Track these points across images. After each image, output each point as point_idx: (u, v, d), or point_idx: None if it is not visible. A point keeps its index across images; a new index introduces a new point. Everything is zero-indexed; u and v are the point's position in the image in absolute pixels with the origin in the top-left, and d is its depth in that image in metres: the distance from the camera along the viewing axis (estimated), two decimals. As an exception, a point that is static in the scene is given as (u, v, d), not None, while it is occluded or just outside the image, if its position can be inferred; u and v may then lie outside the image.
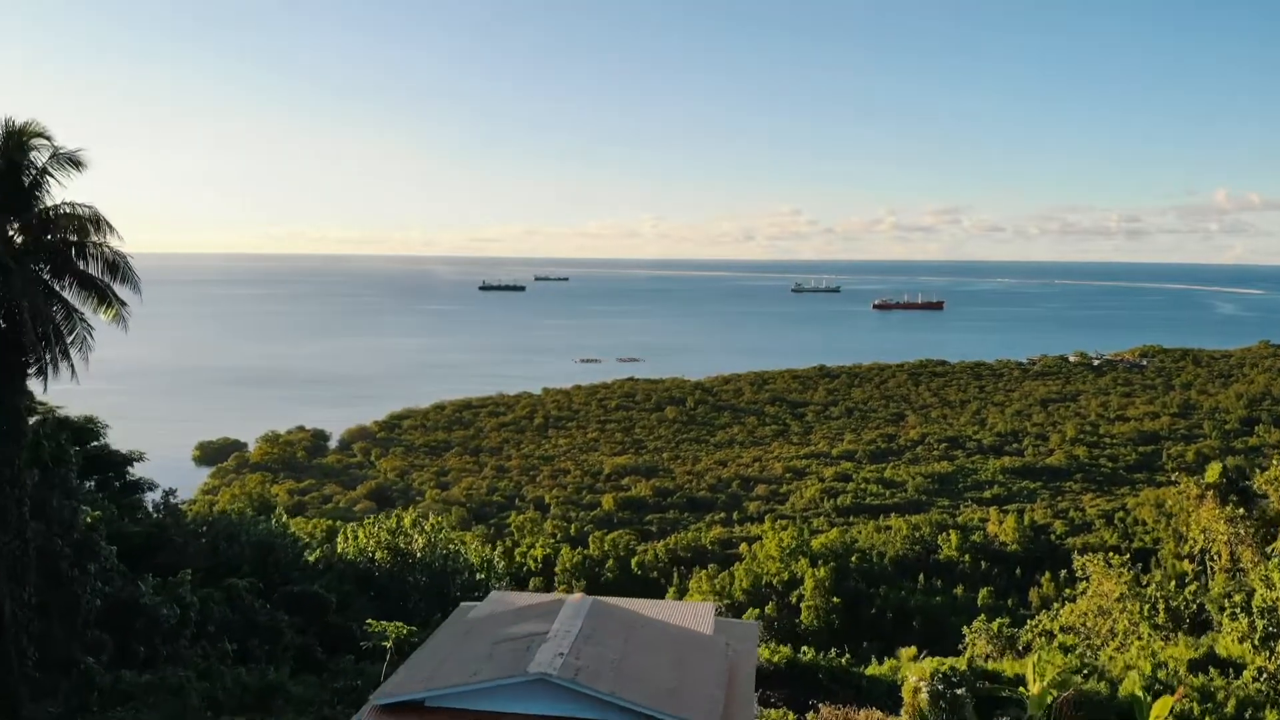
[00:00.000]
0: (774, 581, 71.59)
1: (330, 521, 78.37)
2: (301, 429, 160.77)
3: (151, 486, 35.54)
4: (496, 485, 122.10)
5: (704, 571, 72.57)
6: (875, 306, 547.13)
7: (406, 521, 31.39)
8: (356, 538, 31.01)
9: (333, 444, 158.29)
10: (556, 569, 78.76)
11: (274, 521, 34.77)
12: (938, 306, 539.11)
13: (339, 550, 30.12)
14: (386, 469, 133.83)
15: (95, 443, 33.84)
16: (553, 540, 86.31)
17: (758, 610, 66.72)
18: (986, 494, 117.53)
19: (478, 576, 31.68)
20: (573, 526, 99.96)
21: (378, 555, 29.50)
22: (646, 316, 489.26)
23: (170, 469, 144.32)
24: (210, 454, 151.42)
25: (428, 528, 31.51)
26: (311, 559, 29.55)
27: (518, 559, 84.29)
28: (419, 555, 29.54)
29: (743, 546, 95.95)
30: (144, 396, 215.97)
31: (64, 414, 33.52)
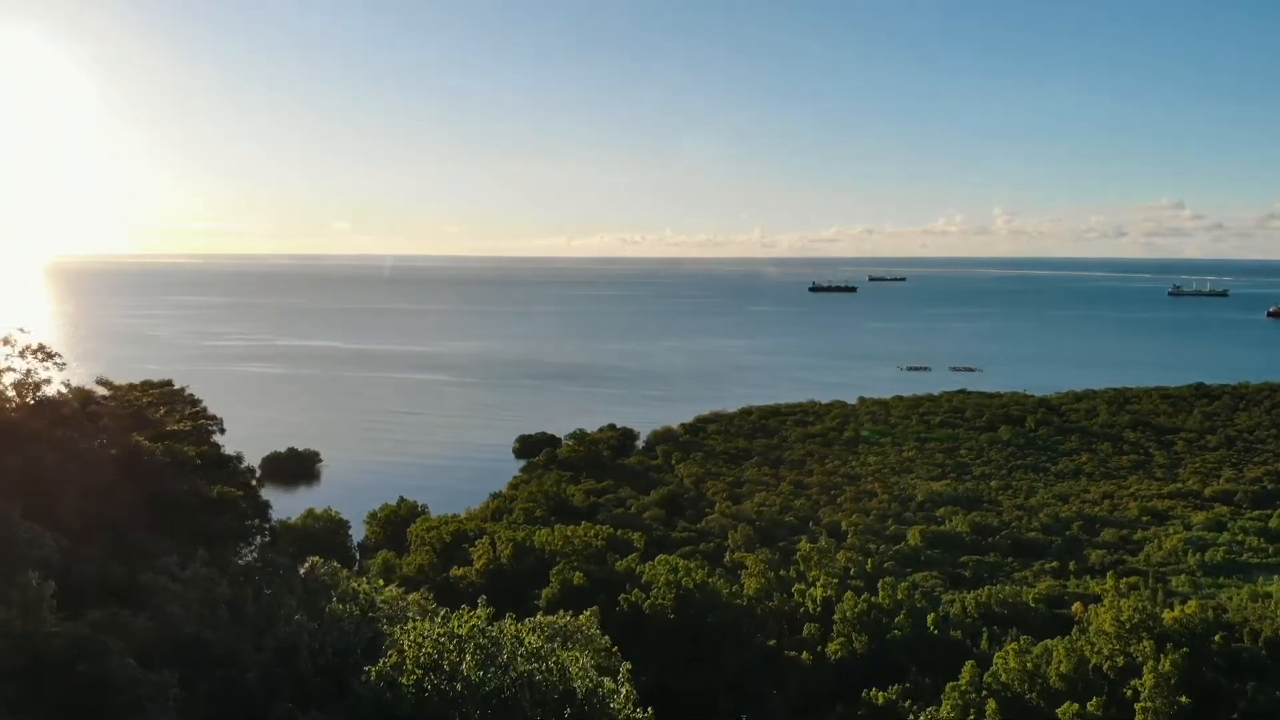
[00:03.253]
0: (1105, 668, 56.49)
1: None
2: (612, 427, 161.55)
3: (252, 533, 31.10)
4: (791, 504, 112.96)
5: (1012, 645, 58.86)
6: (1270, 314, 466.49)
7: (464, 627, 23.18)
8: (403, 644, 23.53)
9: (640, 444, 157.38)
10: (836, 617, 68.36)
11: (347, 605, 28.18)
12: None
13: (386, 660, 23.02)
14: (684, 474, 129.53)
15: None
16: (836, 581, 75.74)
17: (1076, 706, 52.41)
18: None
19: (582, 702, 22.46)
20: (869, 562, 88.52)
21: (406, 681, 21.66)
22: (990, 320, 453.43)
23: (490, 460, 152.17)
24: (528, 447, 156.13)
25: (487, 638, 22.78)
26: (377, 669, 22.30)
27: (795, 597, 75.04)
28: (468, 675, 21.30)
29: (1076, 607, 79.69)
30: (484, 389, 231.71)
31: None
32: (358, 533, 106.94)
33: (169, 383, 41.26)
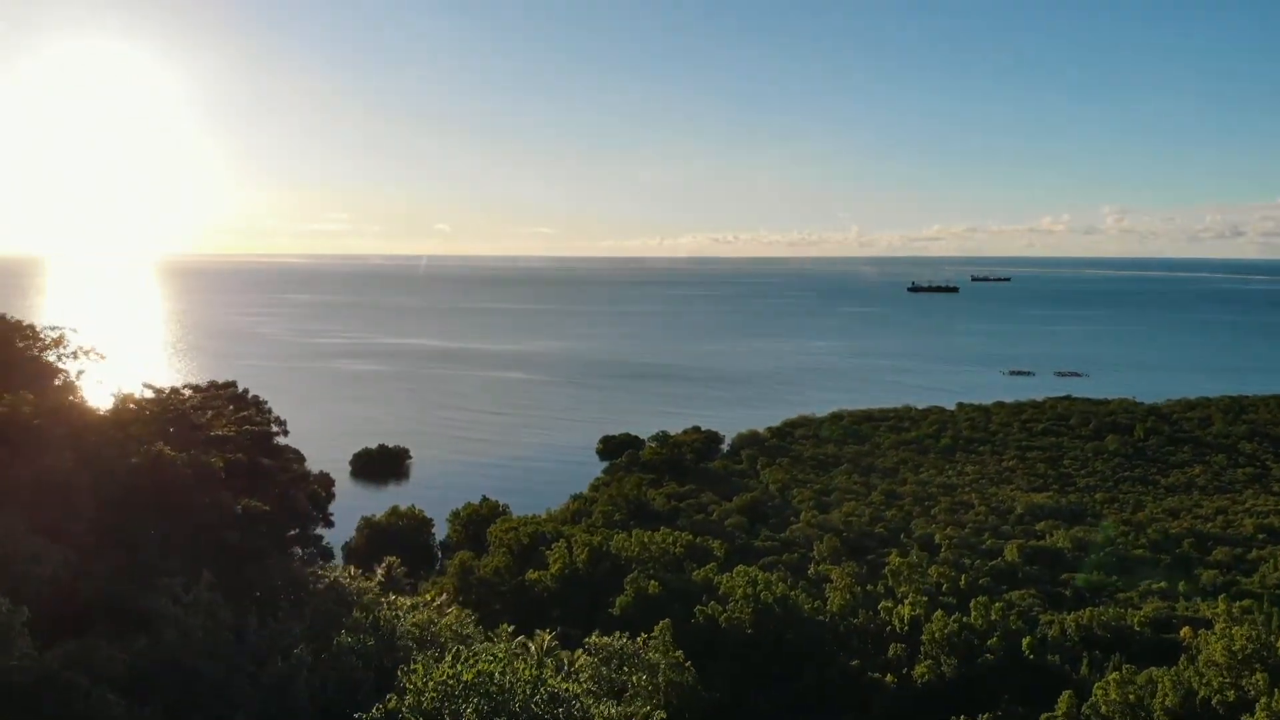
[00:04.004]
0: (1214, 701, 52.05)
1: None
2: (696, 430, 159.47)
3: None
4: (882, 514, 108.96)
5: (1114, 674, 54.85)
6: None
7: (470, 672, 20.83)
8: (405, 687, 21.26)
9: (724, 448, 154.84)
10: (924, 637, 65.07)
11: (361, 636, 26.23)
12: None
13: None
14: (769, 481, 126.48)
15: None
16: (926, 600, 72.16)
17: (1189, 749, 48.29)
18: None
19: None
20: (962, 578, 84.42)
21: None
22: (1097, 323, 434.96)
23: (573, 460, 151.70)
24: (611, 448, 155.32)
25: (495, 685, 20.40)
26: (370, 716, 19.93)
27: (881, 615, 71.83)
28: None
29: (1184, 632, 74.35)
30: (570, 388, 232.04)
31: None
32: (441, 530, 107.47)
33: (232, 384, 40.98)
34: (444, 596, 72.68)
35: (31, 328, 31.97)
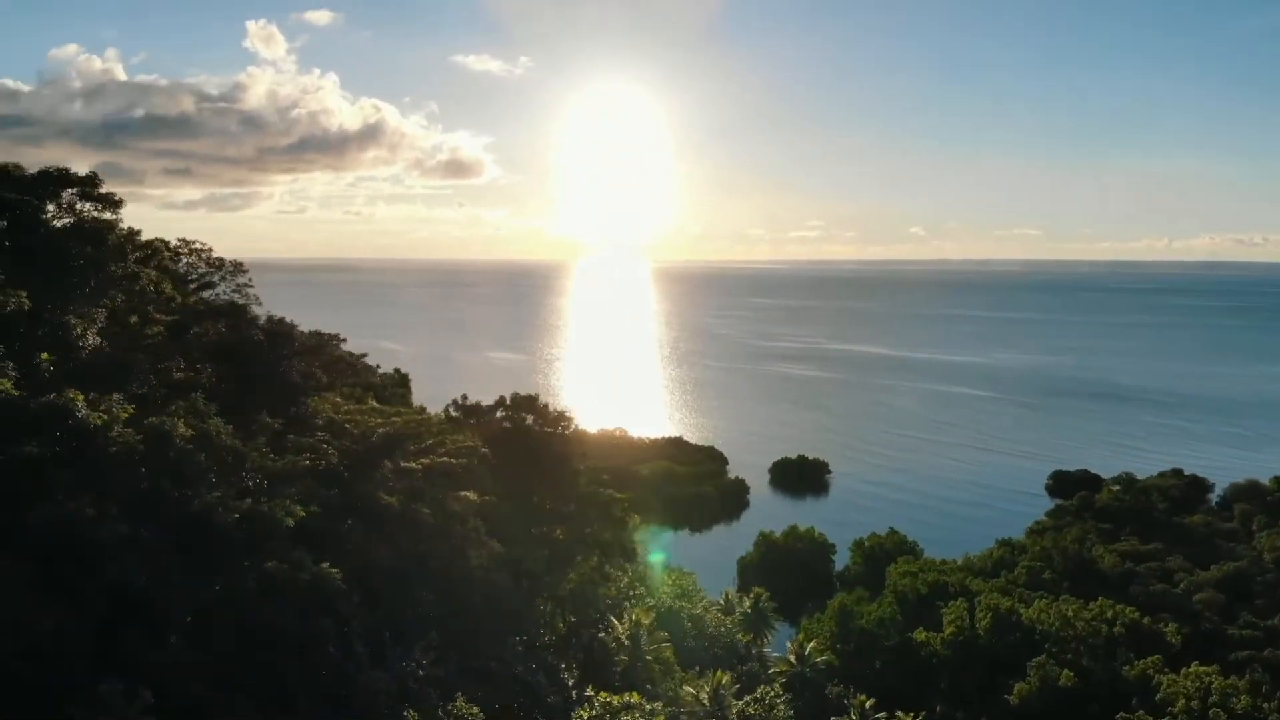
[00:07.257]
0: None
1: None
2: (1176, 473, 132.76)
3: None
4: None
5: None
6: None
7: None
8: None
9: (1213, 499, 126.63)
10: None
11: None
12: None
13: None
14: (1265, 547, 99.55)
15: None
16: None
17: None
18: None
19: None
20: None
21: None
22: None
23: (1013, 496, 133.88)
24: (1062, 486, 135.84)
25: None
26: None
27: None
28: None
29: None
30: (1026, 409, 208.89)
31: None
32: (843, 558, 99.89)
33: (533, 398, 38.48)
34: (810, 643, 65.33)
35: (289, 333, 31.55)
